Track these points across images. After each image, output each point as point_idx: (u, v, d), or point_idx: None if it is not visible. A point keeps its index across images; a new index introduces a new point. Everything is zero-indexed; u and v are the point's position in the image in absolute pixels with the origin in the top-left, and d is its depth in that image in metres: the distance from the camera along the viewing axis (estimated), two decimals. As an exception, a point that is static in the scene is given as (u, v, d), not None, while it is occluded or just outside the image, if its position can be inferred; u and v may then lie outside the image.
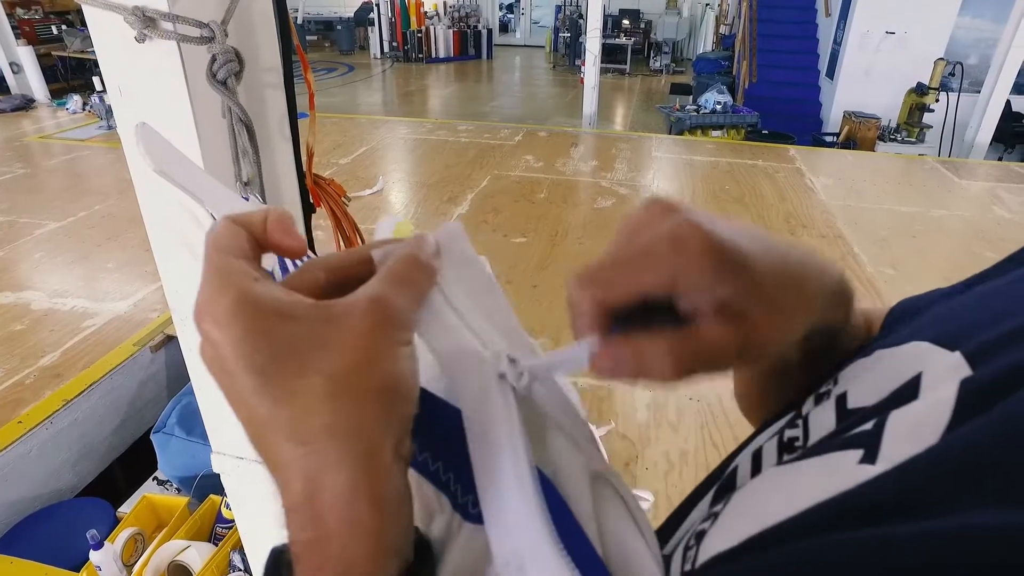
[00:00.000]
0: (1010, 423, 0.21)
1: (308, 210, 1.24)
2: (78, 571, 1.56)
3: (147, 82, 0.90)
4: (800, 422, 0.32)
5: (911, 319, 0.36)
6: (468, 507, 0.30)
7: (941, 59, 6.31)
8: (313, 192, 1.21)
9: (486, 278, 0.32)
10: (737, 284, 0.25)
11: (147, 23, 0.81)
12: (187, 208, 0.96)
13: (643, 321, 0.26)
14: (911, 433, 0.24)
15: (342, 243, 1.28)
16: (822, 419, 0.30)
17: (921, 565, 0.18)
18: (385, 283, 0.25)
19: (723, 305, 0.25)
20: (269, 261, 0.70)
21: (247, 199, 0.90)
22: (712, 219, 0.26)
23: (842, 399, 0.30)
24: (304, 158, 1.20)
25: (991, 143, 6.14)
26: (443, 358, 0.29)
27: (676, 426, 2.14)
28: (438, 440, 0.30)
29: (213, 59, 0.89)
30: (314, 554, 0.22)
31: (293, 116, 1.17)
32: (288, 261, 0.77)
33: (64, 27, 9.07)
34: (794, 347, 0.31)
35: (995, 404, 0.22)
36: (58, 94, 7.24)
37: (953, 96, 6.24)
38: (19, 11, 8.80)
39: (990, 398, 0.22)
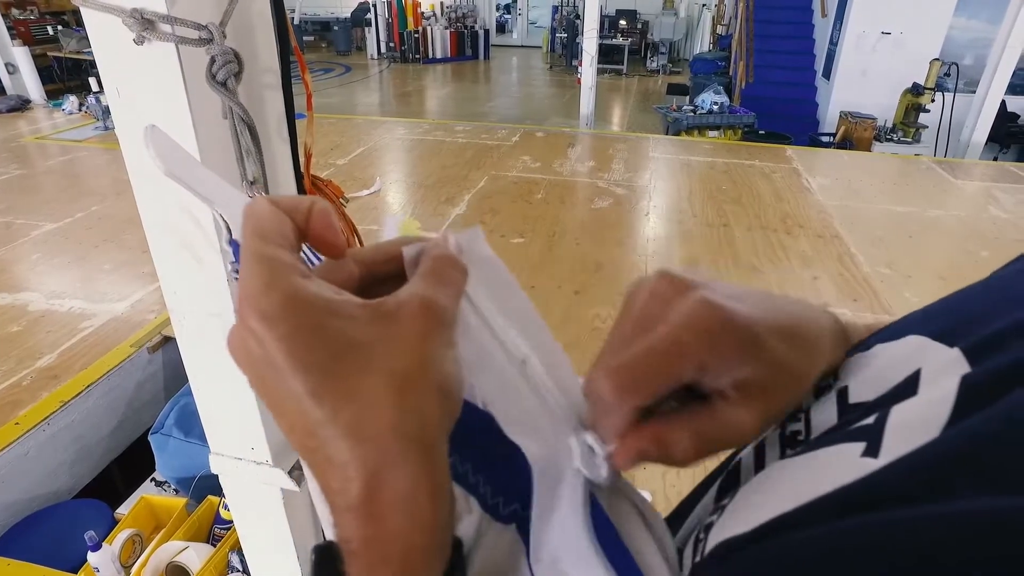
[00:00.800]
0: (1011, 418, 0.21)
1: (306, 211, 1.24)
2: (76, 573, 1.56)
3: (145, 84, 0.90)
4: (801, 416, 0.32)
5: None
6: (499, 508, 0.31)
7: (937, 59, 6.33)
8: (311, 193, 1.21)
9: (507, 279, 0.32)
10: (757, 361, 0.25)
11: (146, 25, 0.81)
12: (186, 209, 0.96)
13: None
14: (913, 427, 0.24)
15: (340, 244, 1.29)
16: (824, 413, 0.31)
17: (916, 547, 0.19)
18: (430, 283, 0.25)
19: (746, 384, 0.25)
20: None
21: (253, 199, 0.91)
22: (725, 292, 0.27)
23: (843, 393, 0.30)
24: (302, 159, 1.20)
25: (986, 143, 6.17)
26: (466, 359, 0.30)
27: (674, 426, 2.15)
28: (466, 443, 0.30)
29: (212, 61, 0.90)
30: (373, 551, 0.22)
31: (291, 117, 1.18)
32: (307, 249, 0.76)
33: (60, 27, 9.05)
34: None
35: (995, 400, 0.22)
36: (54, 95, 7.22)
37: (949, 96, 6.26)
38: (14, 11, 8.78)
39: (990, 394, 0.23)
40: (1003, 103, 6.20)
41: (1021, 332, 0.25)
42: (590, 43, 6.40)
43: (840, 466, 0.25)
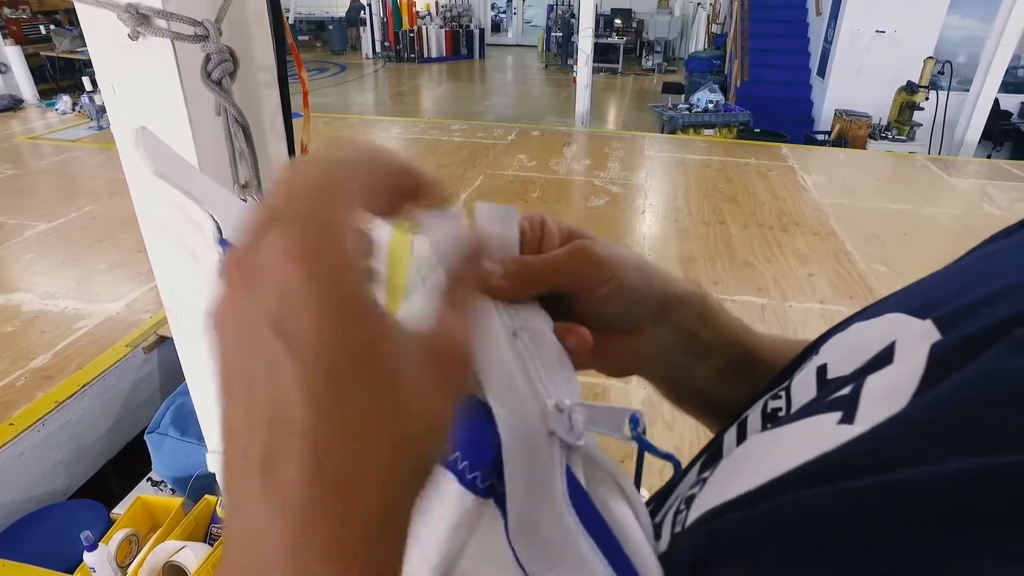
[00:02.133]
0: (978, 382, 0.22)
1: (303, 209, 1.24)
2: (72, 573, 1.55)
3: (141, 80, 0.89)
4: (783, 393, 0.33)
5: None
6: (476, 482, 0.31)
7: (930, 58, 6.36)
8: (308, 191, 1.21)
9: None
10: (610, 279, 0.36)
11: (141, 20, 0.81)
12: (182, 208, 0.96)
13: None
14: (886, 395, 0.25)
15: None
16: (803, 389, 0.32)
17: (893, 509, 0.20)
18: (462, 320, 0.25)
19: (609, 297, 0.37)
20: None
21: (245, 201, 0.90)
22: (600, 243, 0.38)
23: (822, 370, 0.31)
24: (298, 156, 1.20)
25: (980, 141, 6.20)
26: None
27: (671, 424, 2.15)
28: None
29: (207, 59, 0.89)
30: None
31: (287, 114, 1.17)
32: None
33: (52, 27, 8.99)
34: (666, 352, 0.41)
35: (964, 365, 0.23)
36: (47, 94, 7.18)
37: (943, 94, 6.29)
38: (6, 10, 8.73)
39: (959, 359, 0.23)
40: (996, 101, 6.23)
41: (994, 300, 0.25)
42: (585, 42, 6.40)
43: (818, 435, 0.25)
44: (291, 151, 1.19)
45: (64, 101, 6.55)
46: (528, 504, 0.29)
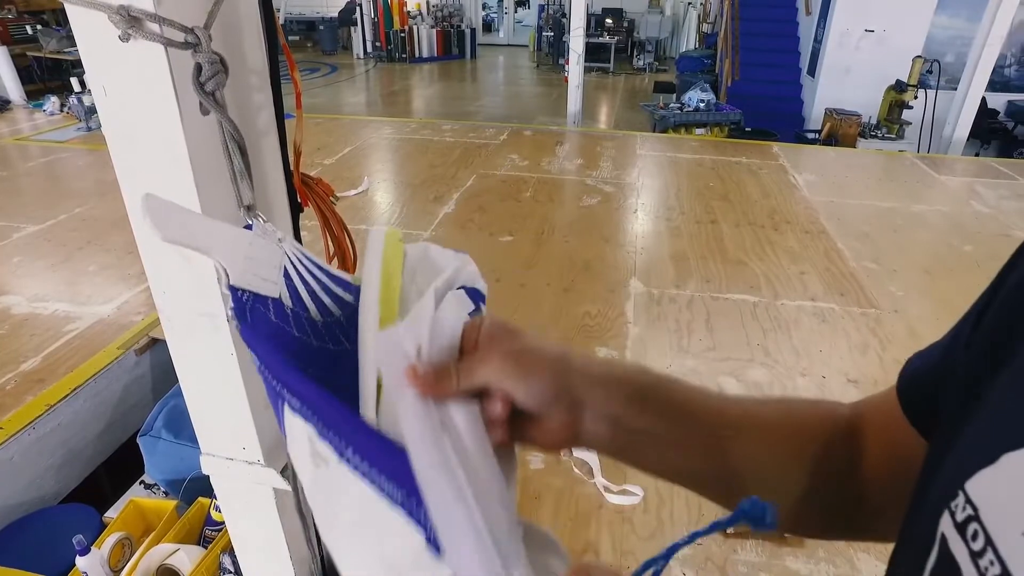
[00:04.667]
0: None
1: (296, 209, 1.23)
2: (64, 578, 1.54)
3: (133, 81, 0.89)
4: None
5: (946, 389, 0.37)
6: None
7: (919, 56, 6.41)
8: (301, 191, 1.20)
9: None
10: (540, 382, 0.42)
11: (132, 23, 0.80)
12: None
13: None
14: None
15: (330, 242, 1.28)
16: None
17: None
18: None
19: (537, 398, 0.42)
20: (275, 276, 0.73)
21: (251, 225, 0.88)
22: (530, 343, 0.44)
23: None
24: (291, 157, 1.19)
25: (968, 139, 6.25)
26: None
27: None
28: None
29: (199, 69, 0.88)
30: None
31: (280, 115, 1.17)
32: (295, 278, 0.78)
33: (39, 27, 8.91)
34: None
35: None
36: (34, 95, 7.11)
37: (931, 93, 6.34)
38: (-7, 11, 8.64)
39: None
40: (984, 100, 6.29)
41: None
42: (577, 41, 6.41)
43: None
44: (284, 151, 1.19)
45: (52, 102, 6.49)
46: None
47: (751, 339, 2.65)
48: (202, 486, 1.75)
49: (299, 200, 1.21)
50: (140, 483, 2.02)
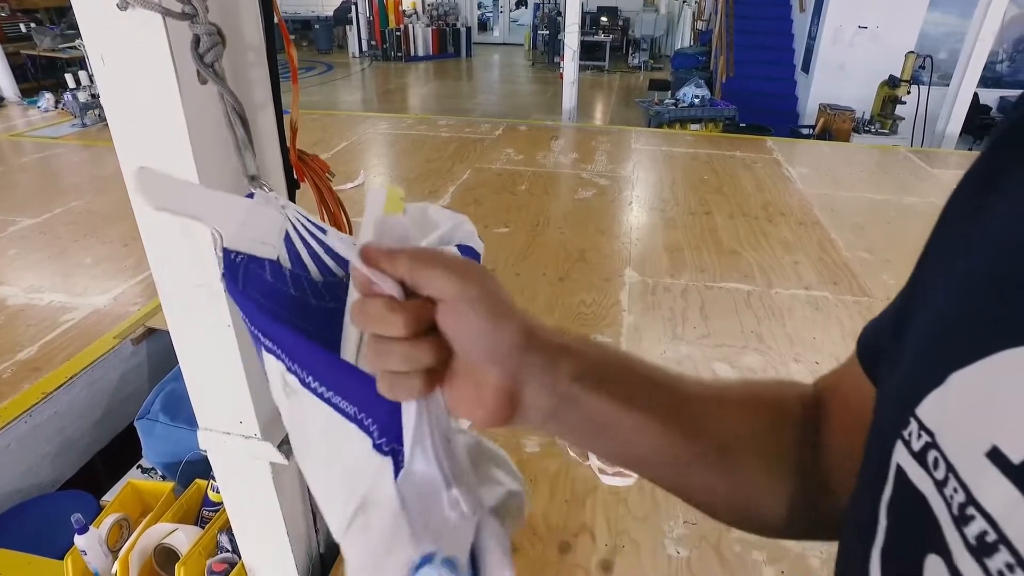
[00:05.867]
0: None
1: (292, 186, 1.24)
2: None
3: (131, 51, 0.90)
4: (973, 511, 0.24)
5: (904, 335, 0.33)
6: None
7: (912, 52, 6.45)
8: (297, 168, 1.21)
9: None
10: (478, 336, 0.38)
11: (130, -13, 0.81)
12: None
13: None
14: None
15: (326, 218, 1.29)
16: (995, 491, 0.23)
17: None
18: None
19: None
20: (275, 240, 0.77)
21: (252, 194, 0.90)
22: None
23: (997, 456, 0.23)
24: (287, 134, 1.20)
25: (961, 135, 6.29)
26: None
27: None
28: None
29: (197, 40, 0.89)
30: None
31: (276, 92, 1.18)
32: (297, 242, 0.82)
33: (33, 25, 8.88)
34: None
35: None
36: (28, 94, 7.09)
37: (924, 90, 6.38)
38: (-14, 9, 8.61)
39: None
40: (976, 96, 6.33)
41: None
42: (572, 37, 6.42)
43: None
44: (280, 127, 1.20)
45: (47, 99, 6.47)
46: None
47: (745, 326, 2.67)
48: (198, 469, 1.75)
49: (296, 176, 1.22)
50: (137, 467, 2.02)
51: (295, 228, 0.88)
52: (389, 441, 0.48)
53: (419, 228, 0.75)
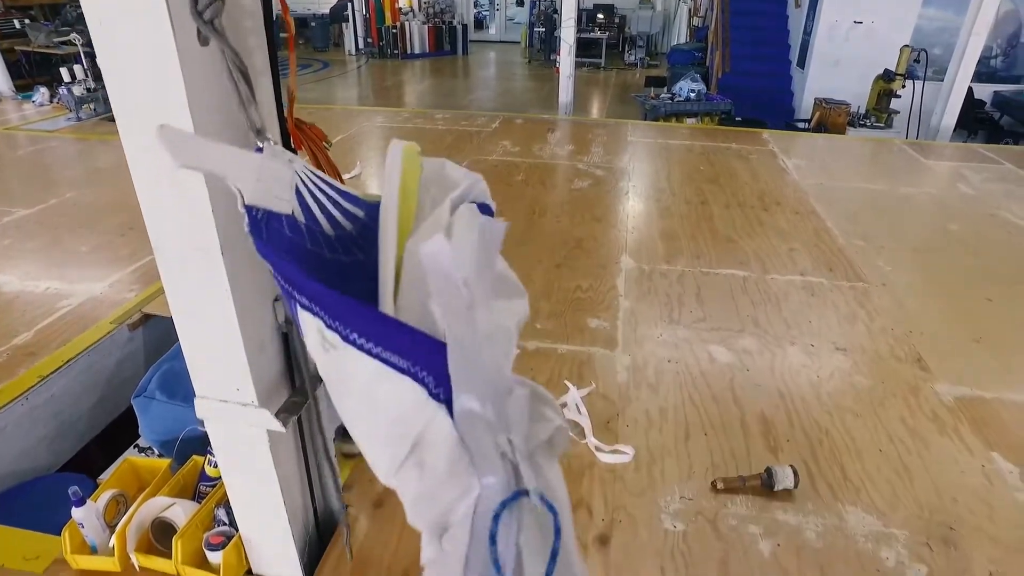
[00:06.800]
0: None
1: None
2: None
3: (128, 10, 0.90)
4: None
5: None
6: (440, 396, 0.56)
7: (907, 46, 6.47)
8: (294, 135, 1.22)
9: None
10: None
11: (127, -59, 0.81)
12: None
13: None
14: None
15: (324, 187, 1.29)
16: None
17: None
18: None
19: None
20: (288, 194, 0.81)
21: (261, 148, 0.90)
22: None
23: None
24: (285, 101, 1.21)
25: (955, 129, 6.32)
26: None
27: (655, 386, 2.18)
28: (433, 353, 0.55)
29: None
30: None
31: (274, 60, 1.18)
32: (307, 196, 0.85)
33: (27, 21, 8.83)
34: None
35: None
36: (23, 90, 7.07)
37: (919, 84, 6.40)
38: (-20, 5, 8.56)
39: None
40: (970, 90, 6.35)
41: None
42: (568, 32, 6.43)
43: None
44: (278, 95, 1.20)
45: (42, 93, 6.46)
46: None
47: (741, 311, 2.68)
48: (195, 447, 1.75)
49: (292, 144, 1.22)
50: (134, 447, 2.02)
51: (303, 182, 0.89)
52: (445, 391, 0.54)
53: (438, 184, 0.79)
